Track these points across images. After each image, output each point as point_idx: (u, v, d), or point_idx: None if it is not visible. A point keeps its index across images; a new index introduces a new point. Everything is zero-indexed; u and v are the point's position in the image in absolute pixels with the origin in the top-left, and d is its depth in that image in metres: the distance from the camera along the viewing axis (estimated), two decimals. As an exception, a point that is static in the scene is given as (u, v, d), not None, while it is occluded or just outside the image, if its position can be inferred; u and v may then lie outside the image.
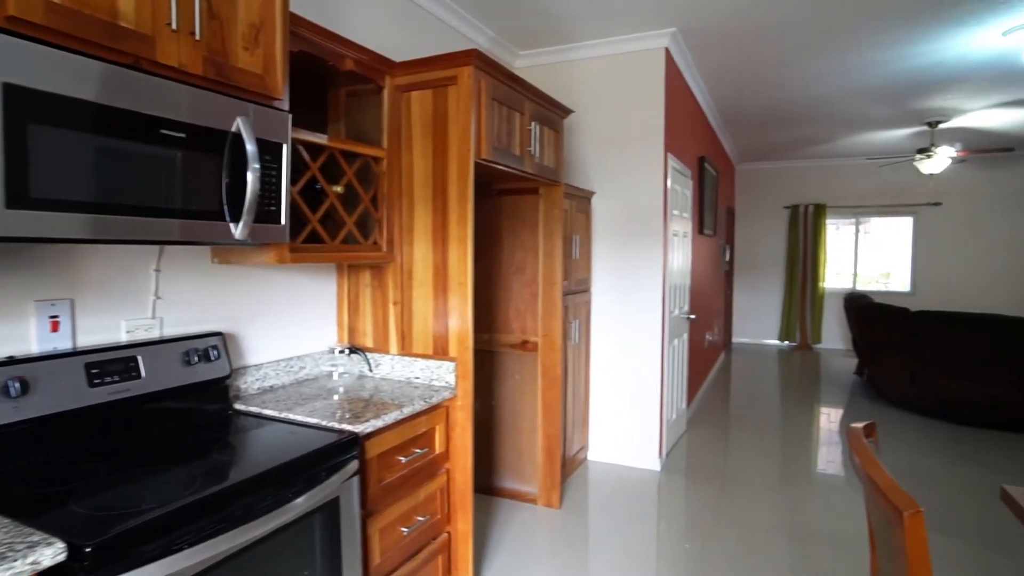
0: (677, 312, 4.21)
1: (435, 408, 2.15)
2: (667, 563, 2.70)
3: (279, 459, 1.46)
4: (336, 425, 1.75)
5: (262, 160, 1.59)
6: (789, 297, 8.67)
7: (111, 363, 1.55)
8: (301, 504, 1.47)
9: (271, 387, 2.16)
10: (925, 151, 6.15)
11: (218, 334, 1.89)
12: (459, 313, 2.26)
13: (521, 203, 3.19)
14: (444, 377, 2.29)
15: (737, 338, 9.10)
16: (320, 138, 1.97)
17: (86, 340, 1.61)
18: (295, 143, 1.85)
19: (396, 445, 1.93)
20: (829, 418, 5.19)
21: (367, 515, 1.80)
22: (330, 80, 2.32)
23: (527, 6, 3.24)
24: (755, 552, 2.78)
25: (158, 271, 1.79)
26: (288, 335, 2.27)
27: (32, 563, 0.97)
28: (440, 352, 2.31)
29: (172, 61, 1.35)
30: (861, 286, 8.64)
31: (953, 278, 8.03)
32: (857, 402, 5.65)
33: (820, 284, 8.49)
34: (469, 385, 2.25)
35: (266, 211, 1.63)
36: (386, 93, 2.29)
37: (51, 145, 1.14)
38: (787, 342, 8.79)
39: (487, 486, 3.38)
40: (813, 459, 4.08)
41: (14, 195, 1.09)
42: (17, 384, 1.35)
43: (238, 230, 1.53)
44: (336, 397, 2.06)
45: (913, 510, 0.90)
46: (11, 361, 1.38)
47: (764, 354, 8.26)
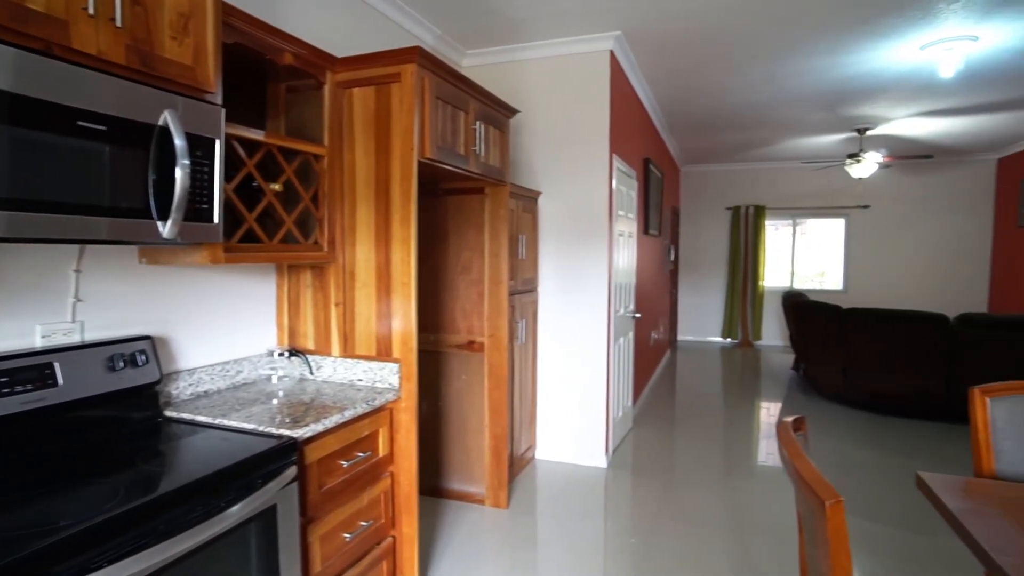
0: (623, 311, 4.28)
1: (378, 411, 2.11)
2: (614, 559, 2.75)
3: (210, 467, 1.40)
4: (274, 430, 1.69)
5: (193, 156, 1.52)
6: (731, 296, 8.97)
7: (23, 371, 1.45)
8: (235, 513, 1.41)
9: (206, 392, 2.07)
10: (855, 156, 6.47)
11: (146, 338, 1.80)
12: (403, 314, 2.23)
13: (467, 203, 3.18)
14: (388, 379, 2.25)
15: (682, 336, 9.34)
16: (257, 134, 1.90)
17: (-4, 346, 1.51)
18: (229, 139, 1.78)
19: (337, 449, 1.89)
20: (769, 412, 5.39)
21: (307, 522, 1.76)
22: (268, 75, 2.24)
23: (474, 5, 3.23)
24: (698, 544, 2.86)
25: (78, 272, 1.69)
26: (224, 338, 2.19)
27: (-74, 589, 0.90)
28: (384, 354, 2.28)
29: (90, 48, 1.28)
30: (798, 285, 9.02)
31: (882, 277, 8.48)
32: (794, 396, 5.89)
33: (760, 283, 8.82)
34: (413, 387, 2.22)
35: (198, 209, 1.56)
36: (327, 89, 2.24)
37: (-50, 136, 1.06)
38: (729, 339, 9.09)
39: (434, 488, 3.35)
40: (754, 452, 4.23)
41: (-94, 190, 1.01)
42: (-86, 395, 1.25)
43: (166, 229, 1.46)
44: (275, 401, 2.00)
45: (834, 500, 0.94)
46: (-93, 370, 1.27)
47: (708, 351, 8.51)
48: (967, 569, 2.61)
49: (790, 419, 1.26)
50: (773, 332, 8.92)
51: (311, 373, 2.35)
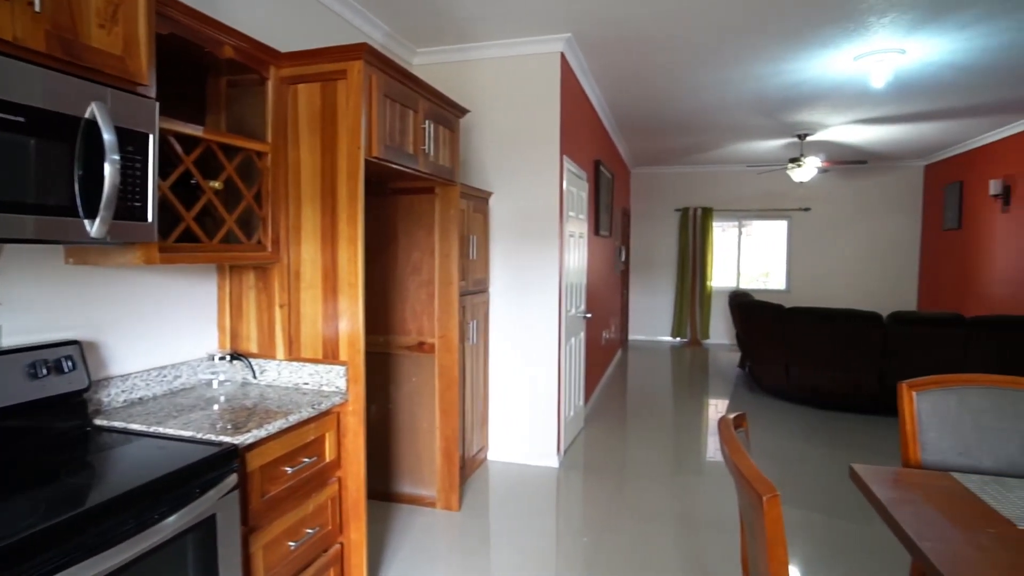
0: (574, 311, 4.32)
1: (325, 414, 2.06)
2: (566, 557, 2.77)
3: (143, 478, 1.33)
4: (213, 437, 1.63)
5: (124, 151, 1.45)
6: (680, 295, 9.19)
7: (-68, 379, 1.35)
8: (170, 525, 1.35)
9: (140, 399, 1.98)
10: (796, 161, 6.73)
11: (74, 343, 1.70)
12: (350, 315, 2.19)
13: (417, 203, 3.14)
14: (334, 382, 2.20)
15: (633, 335, 9.52)
16: (195, 130, 1.83)
17: (-99, 353, 1.39)
18: (165, 134, 1.70)
19: (282, 455, 1.83)
20: (717, 409, 5.54)
21: (249, 531, 1.70)
22: (208, 68, 2.16)
23: (423, 3, 3.20)
24: (648, 540, 2.91)
25: (-4, 273, 1.58)
26: (161, 342, 2.09)
27: None
28: (330, 356, 2.22)
29: (4, 34, 1.19)
30: (744, 285, 9.32)
31: (822, 276, 8.86)
32: (740, 393, 6.08)
33: (708, 283, 9.07)
34: (361, 389, 2.18)
35: (129, 207, 1.48)
36: (270, 85, 2.17)
37: None
38: (679, 338, 9.31)
39: (384, 492, 3.30)
40: (703, 449, 4.34)
41: None
42: None
43: (94, 227, 1.38)
44: (216, 407, 1.92)
45: (771, 494, 0.97)
46: None
47: (658, 350, 8.69)
48: (899, 554, 2.75)
49: (731, 416, 1.29)
50: (720, 331, 9.19)
51: (254, 377, 2.28)
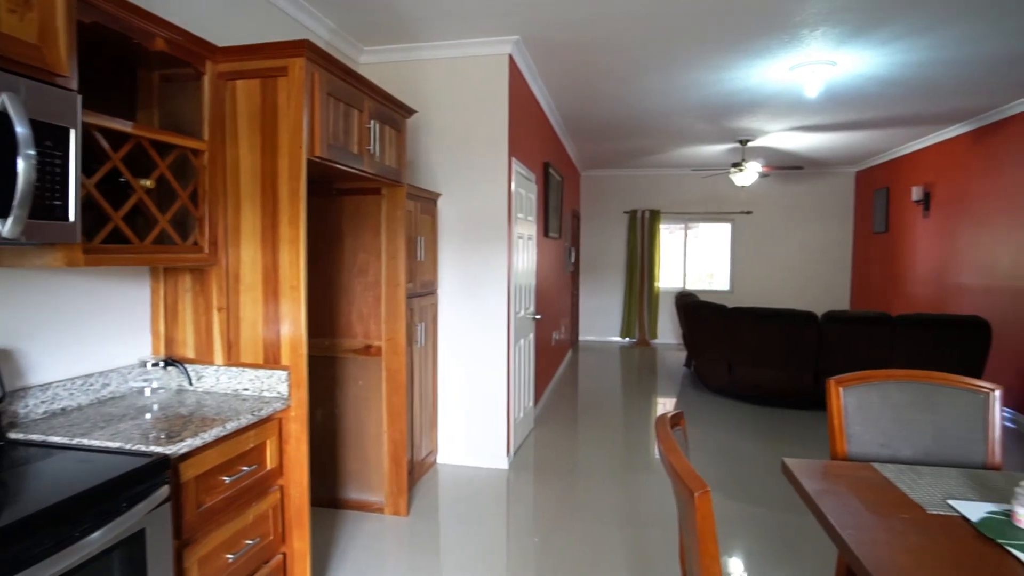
0: (523, 313, 4.35)
1: (266, 421, 2.01)
2: (516, 558, 2.78)
3: (61, 494, 1.26)
4: (144, 448, 1.56)
5: (41, 146, 1.37)
6: (629, 296, 9.37)
7: None
8: (94, 542, 1.29)
9: (63, 410, 1.87)
10: (738, 165, 6.96)
11: (-14, 350, 1.59)
12: (292, 319, 2.13)
13: (363, 203, 3.09)
14: (276, 387, 2.14)
15: (584, 336, 9.64)
16: (124, 125, 1.74)
17: None
18: (89, 129, 1.62)
19: (219, 464, 1.77)
20: (665, 408, 5.67)
21: (183, 545, 1.63)
22: (139, 60, 2.06)
23: (370, 1, 3.15)
24: (597, 538, 2.95)
25: (-103, 276, 1.47)
26: (87, 349, 1.98)
27: None
28: (271, 361, 2.16)
29: (-97, 21, 1.11)
30: (690, 285, 9.58)
31: (763, 277, 9.20)
32: (687, 392, 6.25)
33: (656, 284, 9.28)
34: (304, 394, 2.13)
35: (48, 206, 1.40)
36: (207, 80, 2.09)
37: None
38: (628, 339, 9.49)
39: (331, 499, 3.23)
40: (651, 447, 4.43)
41: None
42: None
43: (7, 227, 1.30)
44: (148, 416, 1.84)
45: (702, 490, 1.00)
46: None
47: (608, 351, 8.84)
48: (828, 542, 2.88)
49: (668, 415, 1.32)
50: (668, 331, 9.41)
51: (190, 384, 2.19)
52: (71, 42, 1.46)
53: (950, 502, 1.38)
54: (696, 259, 9.60)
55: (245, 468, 1.89)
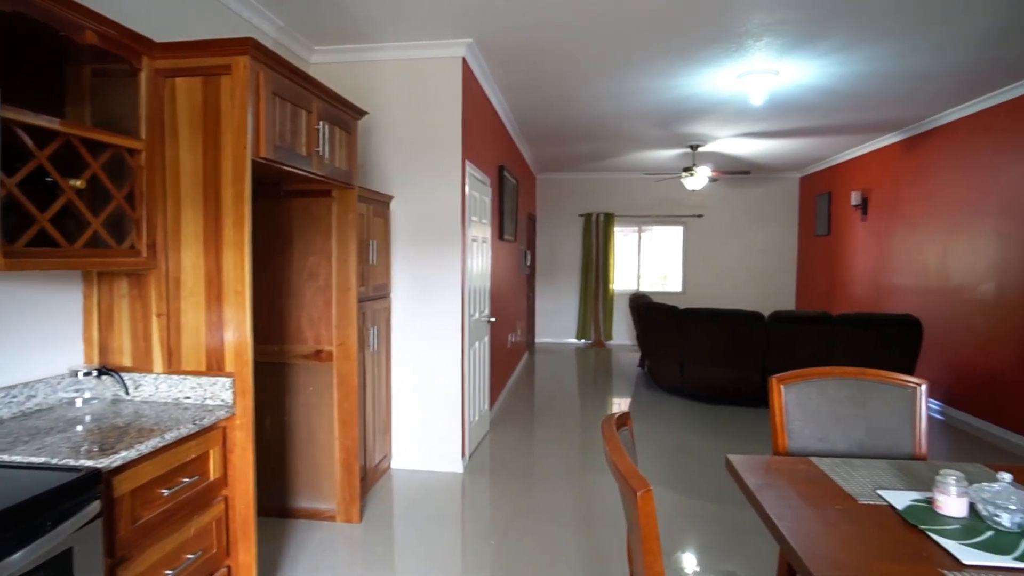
0: (478, 316, 4.34)
1: (208, 430, 1.94)
2: (472, 562, 2.76)
3: (-20, 513, 1.19)
4: (72, 462, 1.48)
5: (-43, 144, 1.29)
6: (585, 298, 9.48)
7: None
8: (14, 564, 1.22)
9: (-15, 423, 1.76)
10: (689, 170, 7.14)
11: None
12: (236, 324, 2.07)
13: (313, 206, 3.03)
14: (220, 395, 2.07)
15: (540, 338, 9.70)
16: (50, 121, 1.66)
17: None
18: (10, 125, 1.53)
19: (157, 476, 1.70)
20: (619, 407, 5.76)
21: (117, 563, 1.56)
22: (68, 55, 1.97)
23: (320, 0, 3.10)
24: (553, 539, 2.97)
25: None
26: (9, 359, 1.88)
27: None
28: (215, 368, 2.10)
29: None
30: (644, 287, 9.76)
31: (714, 279, 9.45)
32: (640, 391, 6.36)
33: (611, 286, 9.42)
34: (249, 402, 2.07)
35: (-34, 207, 1.32)
36: (143, 76, 2.01)
37: None
38: (584, 340, 9.59)
39: (281, 508, 3.14)
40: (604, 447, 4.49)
41: None
42: None
43: (-82, 230, 1.22)
44: (79, 428, 1.75)
45: (644, 489, 1.02)
46: None
47: (564, 352, 8.91)
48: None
49: (614, 416, 1.34)
50: (623, 332, 9.56)
51: (127, 393, 2.10)
52: (-9, 34, 1.38)
53: (880, 492, 1.45)
54: (650, 261, 9.79)
55: (186, 480, 1.82)
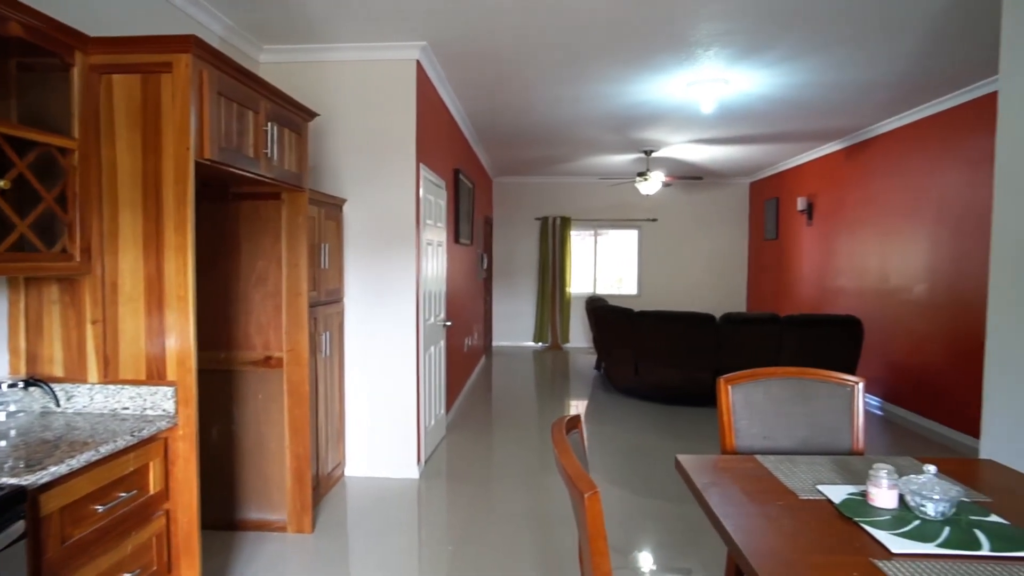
0: (433, 319, 4.31)
1: (148, 442, 1.86)
2: (429, 568, 2.74)
3: None
4: (-6, 479, 1.40)
5: None
6: (541, 301, 9.54)
7: None
8: (-71, 589, 1.14)
9: (-102, 439, 1.65)
10: (643, 175, 7.27)
11: None
12: (179, 331, 1.99)
13: (262, 209, 2.95)
14: (161, 405, 1.99)
15: (497, 341, 9.70)
16: (-28, 119, 1.56)
17: None
18: (-73, 123, 1.44)
19: (91, 492, 1.62)
20: (576, 409, 5.81)
21: (45, 585, 1.48)
22: (-8, 48, 1.86)
23: (267, -2, 3.03)
24: (510, 542, 2.96)
25: None
26: (-71, 369, 1.76)
27: None
28: (156, 376, 2.01)
29: None
30: (600, 290, 9.88)
31: (668, 282, 9.65)
32: (597, 393, 6.43)
33: (567, 289, 9.50)
34: (193, 411, 1.99)
35: None
36: (76, 72, 1.92)
37: None
38: (541, 343, 9.64)
39: (228, 520, 3.04)
40: (558, 448, 4.52)
41: None
42: None
43: None
44: (3, 444, 1.65)
45: (591, 491, 1.03)
46: None
47: (521, 355, 8.94)
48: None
49: (564, 420, 1.35)
50: (579, 335, 9.66)
51: (58, 405, 2.00)
52: (-98, 24, 1.30)
53: (819, 487, 1.50)
54: (605, 264, 9.92)
55: (123, 494, 1.74)
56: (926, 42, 3.62)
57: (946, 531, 1.24)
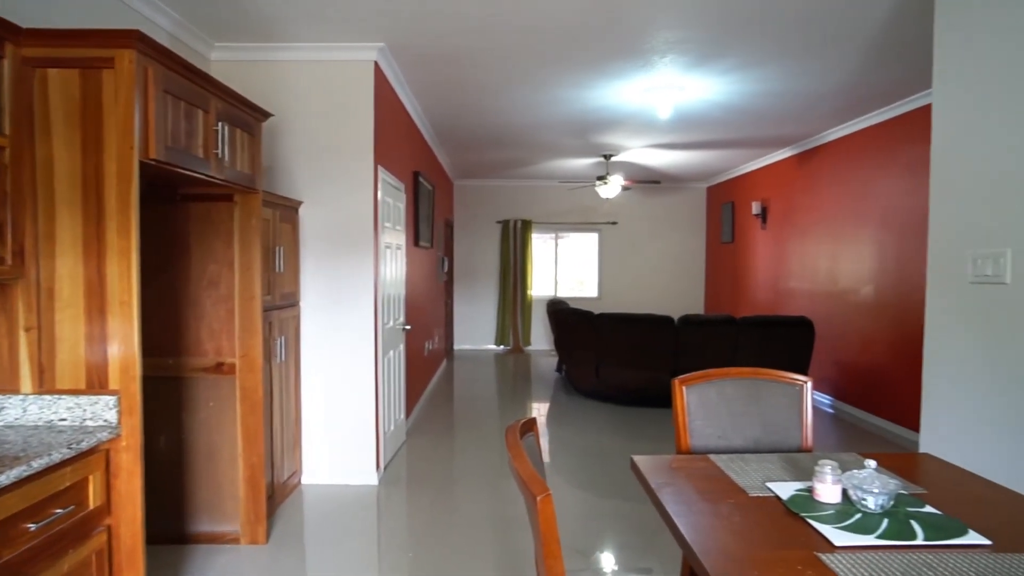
0: (392, 323, 4.26)
1: (88, 454, 1.78)
2: (388, 574, 2.69)
3: None
4: (-84, 497, 1.31)
5: None
6: (503, 304, 9.55)
7: None
8: None
9: None
10: (602, 179, 7.36)
11: None
12: (122, 337, 1.92)
13: (213, 211, 2.87)
14: (102, 415, 1.91)
15: (459, 345, 9.67)
16: None
17: None
18: None
19: (22, 510, 1.53)
20: (539, 412, 5.82)
21: (-29, 609, 1.39)
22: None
23: (218, -6, 2.95)
24: (471, 546, 2.95)
25: None
26: None
27: None
28: (97, 385, 1.93)
29: None
30: (561, 293, 9.95)
31: (628, 284, 9.80)
32: (558, 396, 6.47)
33: (528, 292, 9.54)
34: (137, 421, 1.92)
35: None
36: (7, 65, 1.82)
37: None
38: (503, 346, 9.65)
39: (178, 534, 2.93)
40: (519, 451, 4.52)
41: None
42: None
43: None
44: (-75, 459, 1.55)
45: (544, 494, 1.03)
46: None
47: (483, 358, 8.93)
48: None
49: (518, 423, 1.35)
50: (541, 337, 9.71)
51: (-11, 417, 1.89)
52: None
53: (768, 484, 1.54)
54: (566, 267, 10.01)
55: (59, 511, 1.65)
56: (868, 56, 3.77)
57: (885, 523, 1.29)
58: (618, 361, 5.90)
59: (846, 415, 5.65)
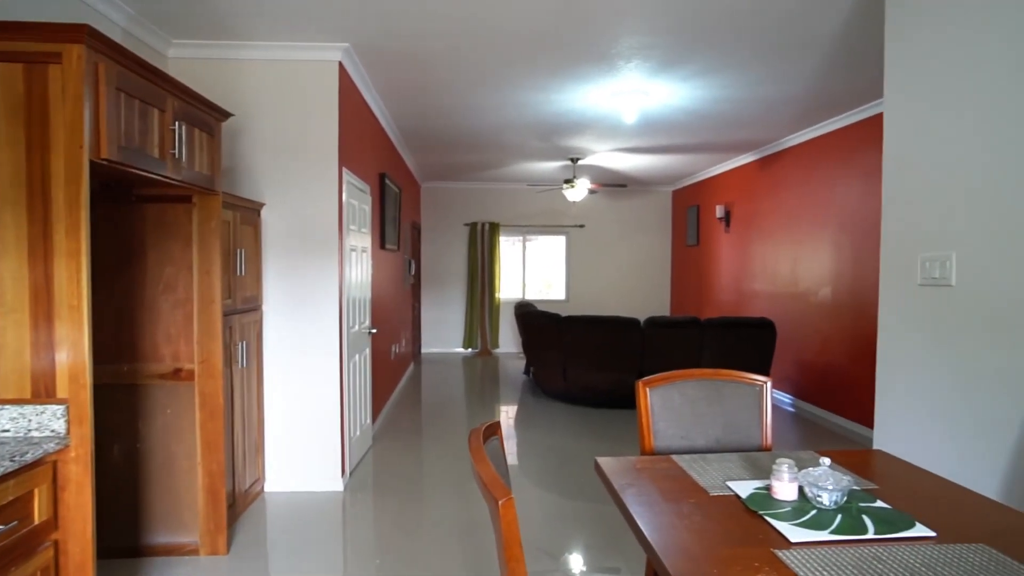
0: (358, 327, 4.21)
1: (33, 467, 1.70)
2: (346, 585, 2.66)
3: None
4: None
5: None
6: (471, 307, 9.53)
7: None
8: None
9: None
10: (569, 182, 7.41)
11: None
12: (72, 343, 1.84)
13: (170, 212, 2.79)
14: (49, 425, 1.83)
15: (426, 348, 9.60)
16: None
17: None
18: None
19: (-38, 525, 1.47)
20: (507, 415, 5.82)
21: (-95, 631, 1.32)
22: None
23: (175, -10, 2.87)
24: (439, 551, 2.92)
25: None
26: None
27: None
28: (44, 394, 1.85)
29: None
30: (529, 295, 9.98)
31: (595, 287, 9.88)
32: (526, 398, 6.47)
33: (496, 295, 9.54)
34: (88, 431, 1.85)
35: None
36: (-56, 59, 1.75)
37: None
38: (471, 349, 9.62)
39: (133, 546, 2.83)
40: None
41: None
42: None
43: None
44: None
45: (505, 498, 1.03)
46: None
47: (451, 362, 8.88)
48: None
49: (482, 427, 1.35)
50: (509, 340, 9.71)
51: (-74, 428, 1.80)
52: None
53: (728, 483, 1.57)
54: (534, 270, 10.04)
55: (0, 527, 1.58)
56: (823, 65, 3.89)
57: (838, 518, 1.32)
58: (585, 363, 5.94)
59: (807, 414, 5.80)
